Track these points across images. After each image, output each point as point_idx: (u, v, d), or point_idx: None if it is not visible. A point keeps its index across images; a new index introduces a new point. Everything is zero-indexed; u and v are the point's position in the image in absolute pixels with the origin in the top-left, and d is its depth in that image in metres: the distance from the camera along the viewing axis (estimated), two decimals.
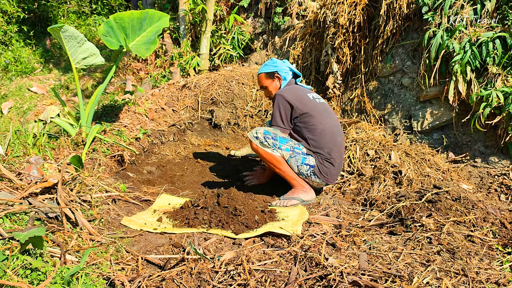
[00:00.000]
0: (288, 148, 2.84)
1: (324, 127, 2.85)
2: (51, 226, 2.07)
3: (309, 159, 2.85)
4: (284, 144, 2.83)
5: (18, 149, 2.95)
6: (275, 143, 2.82)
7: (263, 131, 2.84)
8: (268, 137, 2.82)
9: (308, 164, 2.85)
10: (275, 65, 3.06)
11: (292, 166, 2.88)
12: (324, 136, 2.85)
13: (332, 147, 2.87)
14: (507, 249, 2.13)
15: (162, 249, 2.14)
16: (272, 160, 2.86)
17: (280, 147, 2.83)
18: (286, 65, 3.06)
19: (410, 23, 3.81)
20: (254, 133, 2.88)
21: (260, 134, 2.84)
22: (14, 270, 1.60)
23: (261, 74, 3.12)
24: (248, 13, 5.72)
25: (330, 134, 2.88)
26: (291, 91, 2.92)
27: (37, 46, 7.34)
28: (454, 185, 2.95)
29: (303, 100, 2.88)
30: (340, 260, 1.91)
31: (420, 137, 3.72)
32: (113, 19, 3.56)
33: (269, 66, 3.08)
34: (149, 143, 3.83)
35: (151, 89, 4.93)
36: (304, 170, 2.86)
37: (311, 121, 2.85)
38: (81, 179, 2.62)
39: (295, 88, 2.99)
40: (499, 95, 3.08)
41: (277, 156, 2.85)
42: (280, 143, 2.83)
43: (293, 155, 2.84)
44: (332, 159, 2.87)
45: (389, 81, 3.98)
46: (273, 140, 2.82)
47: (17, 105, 5.74)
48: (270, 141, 2.82)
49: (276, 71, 3.04)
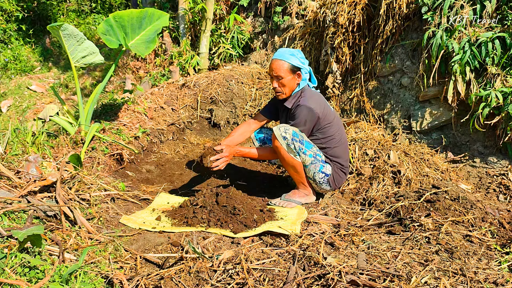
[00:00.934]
0: (311, 154, 2.73)
1: (340, 136, 2.82)
2: (50, 225, 2.07)
3: (327, 167, 2.79)
4: (309, 149, 2.72)
5: (17, 147, 2.94)
6: (301, 147, 2.69)
7: (292, 132, 2.66)
8: (296, 139, 2.66)
9: (324, 173, 2.78)
10: (303, 61, 2.78)
11: (309, 172, 2.78)
12: (340, 145, 2.82)
13: (347, 157, 2.88)
14: (505, 249, 2.13)
15: (160, 248, 2.14)
16: (290, 163, 2.74)
17: (305, 152, 2.70)
18: (308, 67, 2.84)
19: (409, 23, 3.81)
20: (282, 131, 2.67)
21: (289, 134, 2.66)
22: (12, 268, 1.60)
23: (284, 63, 2.72)
24: (248, 12, 5.71)
25: (344, 143, 2.87)
26: (316, 100, 2.73)
27: (37, 45, 7.33)
28: (453, 185, 2.95)
29: (326, 110, 2.77)
30: (338, 259, 1.91)
31: (419, 137, 3.72)
32: (113, 18, 3.55)
33: (297, 59, 2.75)
34: (148, 142, 3.83)
35: (150, 88, 4.92)
36: (319, 177, 2.79)
37: (329, 131, 2.77)
38: (80, 177, 2.62)
39: (316, 95, 2.81)
40: (498, 95, 3.08)
41: (297, 162, 2.74)
42: (306, 148, 2.70)
43: (314, 161, 2.74)
44: (346, 168, 2.88)
45: (389, 81, 3.98)
46: (300, 143, 2.68)
47: (16, 104, 5.74)
48: (297, 144, 2.67)
49: (301, 68, 2.76)
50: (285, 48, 2.82)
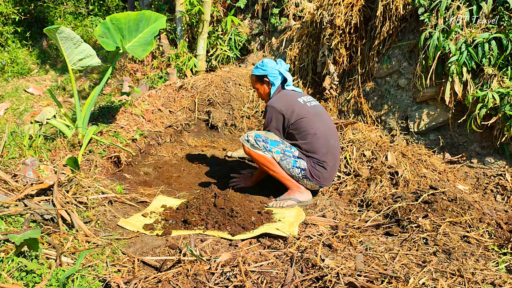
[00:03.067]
0: (278, 150, 2.85)
1: (315, 131, 2.84)
2: (47, 228, 2.06)
3: (300, 162, 2.85)
4: (274, 147, 2.85)
5: (14, 150, 2.94)
6: (265, 145, 2.85)
7: (254, 134, 2.88)
8: (259, 139, 2.85)
9: (299, 167, 2.86)
10: (264, 68, 3.05)
11: (284, 169, 2.89)
12: (316, 140, 2.84)
13: (325, 151, 2.86)
14: (503, 250, 2.14)
15: (158, 251, 2.13)
16: (264, 161, 2.88)
17: (270, 149, 2.85)
18: (277, 68, 3.03)
19: (406, 24, 3.82)
20: (245, 136, 2.91)
21: (251, 137, 2.87)
22: (9, 272, 1.60)
23: (251, 76, 3.16)
24: (245, 14, 5.72)
25: (322, 138, 2.86)
26: (281, 99, 2.93)
27: (34, 47, 7.32)
28: (450, 185, 2.96)
29: (294, 107, 2.88)
30: (336, 261, 1.91)
31: (417, 138, 3.73)
32: (110, 20, 3.55)
33: (259, 69, 3.08)
34: (146, 144, 3.83)
35: (147, 90, 4.92)
36: (296, 173, 2.87)
37: (302, 126, 2.85)
38: (77, 180, 2.61)
39: (285, 95, 2.98)
40: (495, 96, 3.09)
41: (268, 158, 2.87)
42: (270, 145, 2.85)
43: (284, 157, 2.85)
44: (324, 162, 2.86)
45: (386, 82, 3.99)
46: (263, 142, 2.85)
47: (14, 106, 5.73)
48: (260, 143, 2.85)
49: (265, 74, 3.05)
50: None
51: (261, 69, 3.06)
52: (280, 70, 3.04)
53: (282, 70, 3.05)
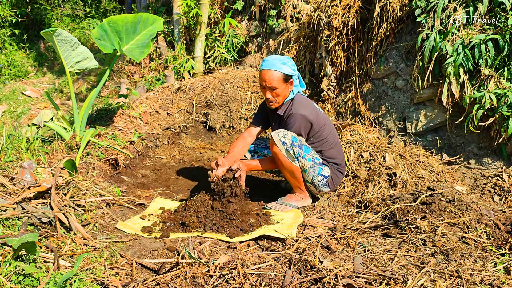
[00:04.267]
0: (310, 158, 2.72)
1: (333, 137, 2.86)
2: (45, 231, 2.05)
3: (325, 169, 2.81)
4: (307, 153, 2.71)
5: (11, 153, 2.93)
6: (300, 151, 2.68)
7: (291, 136, 2.65)
8: (295, 144, 2.65)
9: (323, 175, 2.79)
10: (294, 68, 2.73)
11: (307, 176, 2.77)
12: (335, 147, 2.86)
13: (342, 157, 2.90)
14: (501, 250, 2.14)
15: (156, 253, 2.13)
16: (289, 168, 2.73)
17: (304, 156, 2.69)
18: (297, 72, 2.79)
19: (403, 25, 3.83)
20: (281, 136, 2.64)
21: (288, 139, 2.64)
22: (6, 276, 1.59)
23: (276, 73, 2.64)
24: (242, 16, 5.72)
25: (338, 143, 2.90)
26: (307, 106, 2.74)
27: (31, 50, 7.30)
28: (448, 186, 2.96)
29: (318, 114, 2.78)
30: (334, 263, 1.91)
31: (414, 139, 3.73)
32: (107, 23, 3.55)
33: (289, 67, 2.68)
34: (144, 146, 3.82)
35: (145, 92, 4.91)
36: (317, 180, 2.79)
37: (324, 134, 2.80)
38: (75, 183, 2.61)
39: (306, 101, 2.80)
40: (492, 97, 3.10)
41: (295, 168, 2.73)
42: (304, 152, 2.70)
43: (313, 165, 2.74)
44: (342, 168, 2.90)
45: (383, 83, 4.00)
46: (298, 148, 2.67)
47: (11, 109, 5.71)
48: (296, 149, 2.65)
49: (293, 76, 2.72)
50: (273, 57, 2.70)
51: (291, 68, 2.69)
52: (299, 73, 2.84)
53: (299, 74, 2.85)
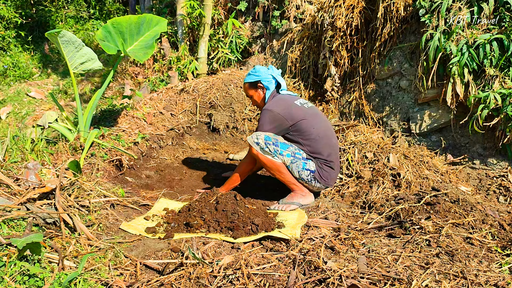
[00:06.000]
0: (289, 153, 2.80)
1: (318, 131, 2.84)
2: (49, 232, 2.06)
3: (310, 164, 2.83)
4: (285, 150, 2.80)
5: (16, 154, 2.94)
6: (276, 149, 2.78)
7: (264, 136, 2.79)
8: (269, 142, 2.78)
9: (309, 169, 2.82)
10: (257, 74, 3.00)
11: (293, 172, 2.84)
12: (319, 140, 2.84)
13: (330, 151, 2.87)
14: (506, 251, 2.13)
15: (160, 254, 2.13)
16: (273, 166, 2.83)
17: (281, 153, 2.79)
18: (270, 73, 2.99)
19: (407, 25, 3.82)
20: (254, 138, 2.81)
21: (261, 139, 2.78)
22: (11, 276, 1.60)
23: (244, 84, 3.10)
24: (246, 17, 5.73)
25: (325, 137, 2.86)
26: (278, 103, 2.88)
27: (35, 51, 7.35)
28: (453, 187, 2.95)
29: (292, 109, 2.85)
30: (339, 263, 1.90)
31: (419, 139, 3.72)
32: (111, 24, 3.56)
33: (252, 75, 3.03)
34: (148, 147, 3.83)
35: (149, 93, 4.93)
36: (305, 175, 2.83)
37: (303, 128, 2.82)
38: (79, 184, 2.62)
39: (281, 99, 2.93)
40: (497, 97, 3.08)
41: (278, 163, 2.82)
42: (281, 149, 2.79)
43: (294, 160, 2.81)
44: (331, 162, 2.87)
45: (387, 84, 3.99)
46: (274, 146, 2.78)
47: (16, 110, 5.74)
48: (271, 147, 2.77)
49: (259, 80, 2.99)
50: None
51: (254, 75, 3.02)
52: (273, 75, 3.00)
53: (275, 75, 3.01)
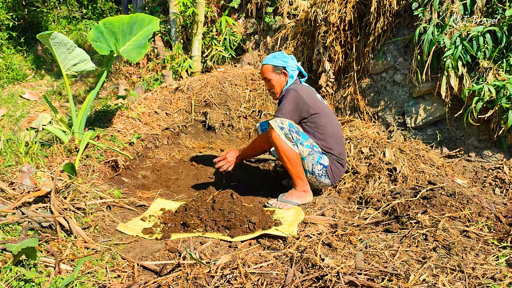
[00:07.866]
0: (308, 145, 2.78)
1: (333, 129, 2.86)
2: (45, 236, 2.05)
3: (324, 158, 2.83)
4: (306, 140, 2.77)
5: (10, 158, 2.92)
6: (298, 138, 2.74)
7: (289, 123, 2.72)
8: (293, 130, 2.72)
9: (322, 164, 2.82)
10: (285, 60, 2.93)
11: (307, 165, 2.81)
12: (334, 137, 2.86)
13: (341, 149, 2.90)
14: (502, 244, 2.13)
15: (158, 255, 2.12)
16: (289, 155, 2.74)
17: (302, 142, 2.75)
18: (295, 63, 2.97)
19: (400, 19, 3.81)
20: (279, 122, 2.70)
21: (286, 125, 2.70)
22: (7, 282, 1.59)
23: (267, 66, 2.96)
24: (239, 14, 5.70)
25: (338, 135, 2.90)
26: (303, 90, 2.82)
27: (28, 53, 7.30)
28: (449, 180, 2.96)
29: (315, 100, 2.84)
30: (336, 260, 1.90)
31: (414, 133, 3.72)
32: (103, 24, 3.53)
33: (279, 59, 2.94)
34: (143, 147, 3.82)
35: (143, 93, 4.90)
36: (317, 169, 2.82)
37: (321, 121, 2.81)
38: (75, 186, 2.60)
39: (305, 87, 2.91)
40: (491, 89, 3.08)
41: (295, 152, 2.75)
42: (302, 138, 2.76)
43: (312, 152, 2.79)
44: (342, 160, 2.91)
45: (382, 78, 3.98)
46: (296, 134, 2.73)
47: (10, 113, 5.71)
48: (294, 135, 2.72)
49: (285, 66, 2.92)
50: (270, 54, 3.03)
51: (281, 60, 2.93)
52: (298, 66, 2.99)
53: (299, 66, 3.00)
